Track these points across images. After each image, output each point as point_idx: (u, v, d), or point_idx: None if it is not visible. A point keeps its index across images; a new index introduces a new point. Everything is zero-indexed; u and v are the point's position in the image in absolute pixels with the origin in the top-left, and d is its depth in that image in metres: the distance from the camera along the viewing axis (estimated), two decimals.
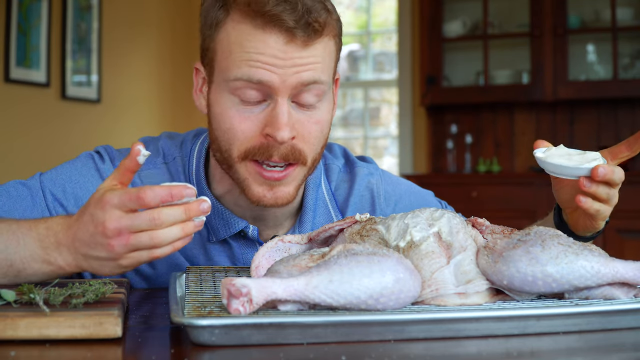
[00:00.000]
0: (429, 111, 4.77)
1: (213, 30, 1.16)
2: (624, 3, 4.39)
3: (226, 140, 1.16)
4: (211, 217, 1.25)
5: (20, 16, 3.87)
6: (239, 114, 1.14)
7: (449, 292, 0.91)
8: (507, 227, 1.02)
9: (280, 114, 1.12)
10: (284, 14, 1.10)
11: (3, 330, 0.81)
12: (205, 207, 0.95)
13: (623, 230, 4.07)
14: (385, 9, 5.61)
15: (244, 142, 1.15)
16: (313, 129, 1.17)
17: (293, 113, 1.14)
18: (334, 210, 1.33)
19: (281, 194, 1.18)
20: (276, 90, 1.12)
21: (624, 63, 4.42)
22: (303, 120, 1.16)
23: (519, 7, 4.55)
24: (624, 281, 0.91)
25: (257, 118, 1.14)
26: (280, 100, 1.12)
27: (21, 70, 3.90)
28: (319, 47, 1.14)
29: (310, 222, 1.29)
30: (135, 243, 0.94)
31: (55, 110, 4.19)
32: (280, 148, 1.14)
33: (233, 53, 1.13)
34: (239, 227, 1.25)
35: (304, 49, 1.12)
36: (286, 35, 1.10)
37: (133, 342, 0.84)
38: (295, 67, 1.11)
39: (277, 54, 1.10)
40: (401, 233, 0.96)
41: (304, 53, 1.12)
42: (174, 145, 1.31)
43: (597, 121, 4.55)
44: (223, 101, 1.16)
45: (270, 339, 0.80)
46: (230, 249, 1.26)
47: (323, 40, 1.14)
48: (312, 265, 0.89)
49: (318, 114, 1.17)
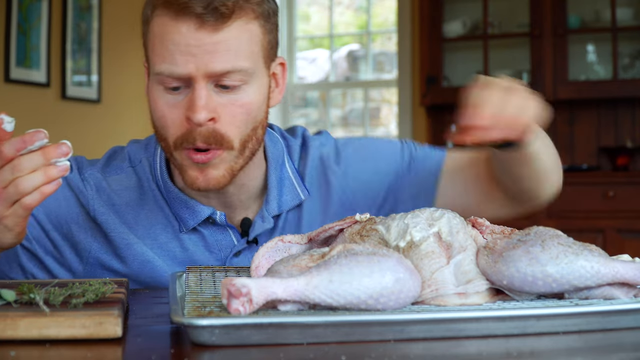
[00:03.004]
0: (429, 111, 4.77)
1: (145, 28, 1.22)
2: (624, 3, 4.39)
3: (161, 129, 1.21)
4: (178, 208, 1.28)
5: (20, 16, 3.87)
6: (167, 103, 1.19)
7: (449, 292, 0.91)
8: (507, 227, 1.02)
9: (197, 97, 1.16)
10: (193, 1, 1.14)
11: (3, 330, 0.81)
12: (64, 149, 0.98)
13: (623, 230, 4.07)
14: (385, 9, 5.61)
15: (175, 130, 1.19)
16: (237, 112, 1.19)
17: (214, 97, 1.17)
18: (299, 187, 1.34)
19: (211, 176, 1.20)
20: (193, 77, 1.16)
21: (624, 63, 4.42)
22: (225, 103, 1.18)
23: (519, 7, 4.55)
24: (624, 281, 0.91)
25: (181, 104, 1.18)
26: (197, 86, 1.16)
27: (21, 70, 3.90)
28: (232, 32, 1.16)
29: (276, 201, 1.31)
30: (6, 197, 0.98)
31: (55, 110, 4.19)
32: (202, 132, 1.17)
33: (155, 47, 1.18)
34: (206, 214, 1.27)
35: (215, 33, 1.15)
36: (196, 21, 1.14)
37: (133, 342, 0.84)
38: (208, 55, 1.15)
39: (190, 42, 1.15)
40: (401, 233, 0.96)
41: (216, 38, 1.15)
42: (139, 149, 1.35)
43: (597, 121, 4.55)
44: (155, 93, 1.21)
45: (270, 339, 0.80)
46: (203, 237, 1.29)
47: (236, 24, 1.17)
48: (312, 265, 0.89)
49: (243, 97, 1.19)
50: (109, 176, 1.32)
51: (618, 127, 4.52)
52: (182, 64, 1.15)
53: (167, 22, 1.17)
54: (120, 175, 1.32)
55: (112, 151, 1.38)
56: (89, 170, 1.32)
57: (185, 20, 1.15)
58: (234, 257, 1.30)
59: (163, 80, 1.18)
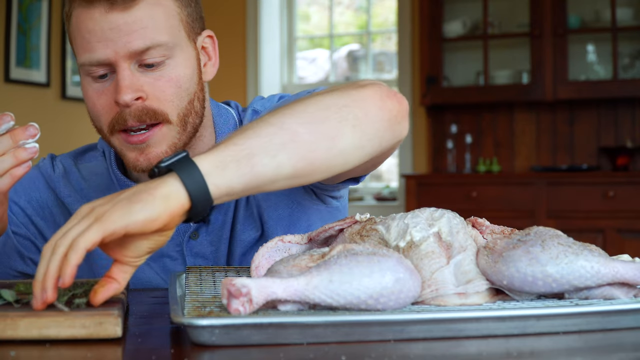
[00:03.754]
0: (429, 111, 4.77)
1: (67, 24, 1.23)
2: (624, 3, 4.39)
3: (95, 118, 1.23)
4: None
5: (20, 16, 3.87)
6: (96, 92, 1.20)
7: (449, 292, 0.91)
8: (507, 227, 1.02)
9: (120, 79, 1.16)
10: None
11: (3, 330, 0.81)
12: (32, 131, 0.99)
13: (623, 230, 4.07)
14: (385, 9, 5.61)
15: (106, 116, 1.20)
16: (166, 87, 1.19)
17: (139, 76, 1.18)
18: None
19: (153, 155, 1.20)
20: (114, 62, 1.16)
21: (624, 63, 4.42)
22: (151, 81, 1.19)
23: (519, 7, 4.55)
24: (624, 281, 0.91)
25: (109, 90, 1.19)
26: (119, 68, 1.17)
27: (21, 70, 3.90)
28: (143, 9, 1.17)
29: None
30: None
31: (55, 110, 4.19)
32: (132, 111, 1.17)
33: (76, 39, 1.19)
34: None
35: (127, 12, 1.15)
36: (105, 5, 1.15)
37: (133, 342, 0.84)
38: (124, 37, 1.15)
39: (104, 26, 1.15)
40: (401, 233, 0.96)
41: (128, 18, 1.16)
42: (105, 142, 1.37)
43: (597, 121, 4.55)
44: (84, 84, 1.22)
45: (270, 339, 0.80)
46: None
47: (145, 2, 1.17)
48: (312, 265, 0.89)
49: (170, 72, 1.19)
50: (81, 163, 1.37)
51: (618, 127, 4.52)
52: (100, 50, 1.16)
53: (80, 12, 1.17)
54: (92, 163, 1.37)
55: (89, 145, 1.42)
56: (61, 157, 1.39)
57: (95, 6, 1.16)
58: (190, 239, 1.30)
59: (88, 71, 1.19)
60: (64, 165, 1.37)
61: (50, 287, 0.82)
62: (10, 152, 0.98)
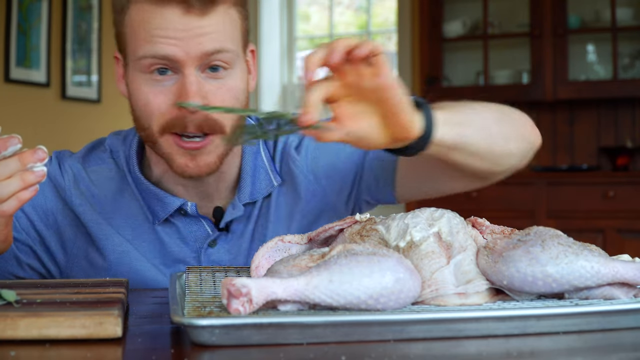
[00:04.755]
0: None
1: (121, 16, 1.21)
2: (624, 3, 4.39)
3: (145, 117, 1.21)
4: (149, 200, 1.29)
5: (20, 16, 3.87)
6: (152, 90, 1.19)
7: (449, 292, 0.91)
8: (507, 227, 1.02)
9: (188, 84, 1.16)
10: None
11: (3, 330, 0.81)
12: (41, 155, 0.96)
13: (623, 230, 4.07)
14: (385, 9, 5.61)
15: (160, 117, 1.19)
16: (226, 97, 1.20)
17: (203, 83, 1.18)
18: (272, 173, 1.34)
19: (203, 163, 1.21)
20: (182, 62, 1.16)
21: (624, 63, 4.42)
22: (214, 89, 1.19)
23: (519, 7, 4.55)
24: (624, 281, 0.91)
25: (170, 91, 1.18)
26: (187, 72, 1.16)
27: (21, 70, 3.90)
28: (217, 16, 1.17)
29: (248, 188, 1.31)
30: None
31: (55, 110, 4.19)
32: (195, 118, 1.17)
33: (137, 33, 1.18)
34: (176, 205, 1.28)
35: (202, 18, 1.16)
36: (182, 7, 1.15)
37: (133, 342, 0.84)
38: (197, 38, 1.16)
39: (177, 27, 1.15)
40: (401, 233, 0.96)
41: (203, 22, 1.16)
42: (118, 141, 1.36)
43: (597, 121, 4.55)
44: (137, 80, 1.20)
45: (270, 339, 0.80)
46: (177, 229, 1.30)
47: (221, 9, 1.18)
48: (312, 265, 0.89)
49: (230, 82, 1.20)
50: (89, 167, 1.33)
51: (618, 127, 4.52)
52: (169, 46, 1.15)
53: (149, 8, 1.16)
54: (100, 166, 1.33)
55: (94, 142, 1.39)
56: (69, 161, 1.33)
57: (170, 6, 1.15)
58: (209, 247, 1.30)
59: (146, 65, 1.18)
60: (73, 172, 1.32)
61: None
62: (17, 174, 0.95)
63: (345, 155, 1.36)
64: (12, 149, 0.95)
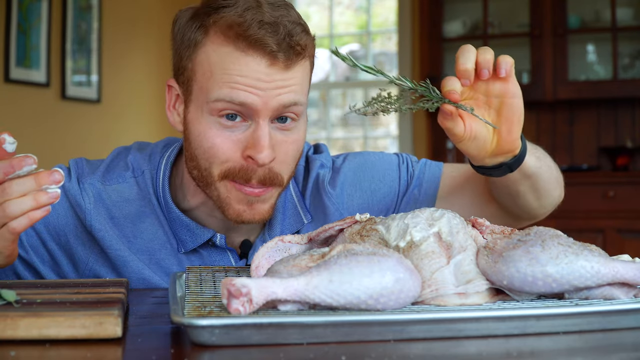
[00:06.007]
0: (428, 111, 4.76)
1: (191, 51, 1.18)
2: (624, 3, 4.39)
3: (206, 159, 1.18)
4: (178, 229, 1.27)
5: (20, 16, 3.87)
6: (220, 134, 1.16)
7: (449, 292, 0.91)
8: (507, 227, 1.02)
9: (262, 136, 1.14)
10: (267, 38, 1.12)
11: (3, 330, 0.81)
12: (57, 177, 0.95)
13: (623, 230, 4.07)
14: (385, 9, 5.61)
15: (224, 162, 1.17)
16: (290, 149, 1.19)
17: (273, 134, 1.16)
18: (302, 210, 1.34)
19: (259, 210, 1.20)
20: (258, 112, 1.14)
21: (624, 63, 4.42)
22: (281, 141, 1.18)
23: (519, 7, 4.55)
24: (624, 281, 0.91)
25: (239, 139, 1.16)
26: (262, 122, 1.15)
27: (21, 70, 3.90)
28: (299, 69, 1.16)
29: (279, 225, 1.31)
30: None
31: (55, 110, 4.19)
32: (259, 171, 1.16)
33: (214, 74, 1.14)
34: (205, 238, 1.26)
35: (286, 71, 1.14)
36: (269, 58, 1.12)
37: (133, 342, 0.84)
38: (277, 90, 1.14)
39: (260, 77, 1.12)
40: (401, 233, 0.96)
41: (286, 75, 1.14)
42: (143, 159, 1.32)
43: (597, 121, 4.55)
44: (204, 121, 1.17)
45: (270, 339, 0.80)
46: (201, 258, 1.28)
47: (301, 62, 1.17)
48: (312, 265, 0.89)
49: (295, 134, 1.20)
50: (110, 185, 1.28)
51: (618, 127, 4.52)
52: (250, 94, 1.13)
53: (232, 52, 1.13)
54: (121, 185, 1.28)
55: (116, 153, 1.35)
56: (89, 180, 1.28)
57: (256, 55, 1.13)
58: None
59: (218, 108, 1.14)
60: (93, 192, 1.27)
61: None
62: (31, 194, 0.94)
63: (380, 195, 1.36)
64: (27, 168, 0.94)
